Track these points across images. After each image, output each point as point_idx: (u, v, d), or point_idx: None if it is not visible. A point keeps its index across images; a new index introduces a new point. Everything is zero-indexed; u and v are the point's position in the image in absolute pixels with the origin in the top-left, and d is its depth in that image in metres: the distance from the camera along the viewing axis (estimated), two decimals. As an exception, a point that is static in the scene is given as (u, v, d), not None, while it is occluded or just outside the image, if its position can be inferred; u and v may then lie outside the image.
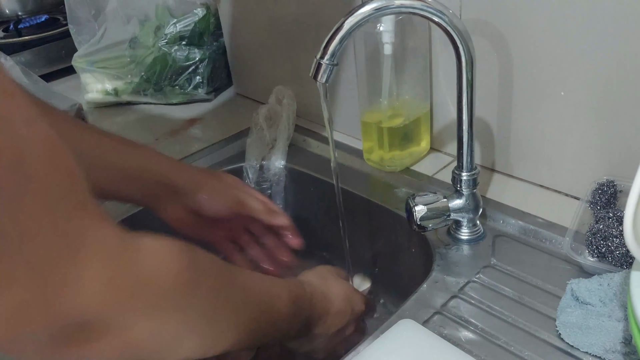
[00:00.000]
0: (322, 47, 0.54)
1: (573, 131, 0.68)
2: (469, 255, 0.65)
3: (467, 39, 0.57)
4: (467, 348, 0.54)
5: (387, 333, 0.55)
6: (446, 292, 0.61)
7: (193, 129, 1.03)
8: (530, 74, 0.68)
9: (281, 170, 0.89)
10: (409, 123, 0.80)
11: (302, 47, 0.94)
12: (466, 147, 0.63)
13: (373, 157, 0.84)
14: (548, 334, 0.54)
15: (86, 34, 1.13)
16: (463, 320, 0.57)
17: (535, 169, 0.74)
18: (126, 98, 1.14)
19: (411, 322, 0.56)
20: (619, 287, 0.54)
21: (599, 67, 0.62)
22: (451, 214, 0.65)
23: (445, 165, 0.82)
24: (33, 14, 1.50)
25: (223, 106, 1.12)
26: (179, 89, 1.11)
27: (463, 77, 0.59)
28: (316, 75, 0.55)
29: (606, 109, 0.64)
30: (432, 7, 0.55)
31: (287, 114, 0.92)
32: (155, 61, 1.08)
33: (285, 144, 0.90)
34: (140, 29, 1.09)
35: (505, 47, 0.69)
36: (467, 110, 0.61)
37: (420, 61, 0.77)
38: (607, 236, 0.59)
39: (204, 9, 1.08)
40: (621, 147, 0.65)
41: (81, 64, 1.12)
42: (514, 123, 0.73)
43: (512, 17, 0.67)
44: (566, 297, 0.56)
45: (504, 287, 0.60)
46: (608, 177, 0.65)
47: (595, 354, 0.51)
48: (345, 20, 0.54)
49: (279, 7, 0.94)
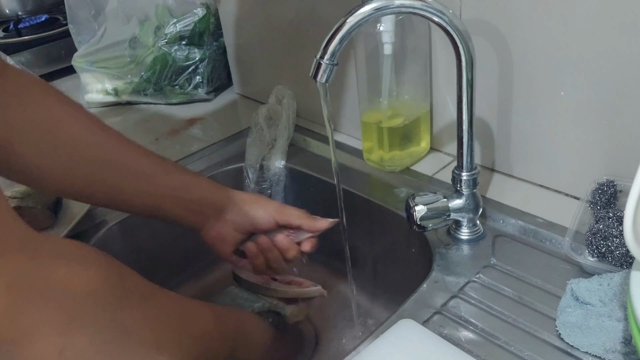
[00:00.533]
0: (322, 47, 0.54)
1: (573, 131, 0.68)
2: (469, 255, 0.65)
3: (467, 39, 0.57)
4: (467, 348, 0.54)
5: (387, 333, 0.55)
6: (446, 292, 0.61)
7: (193, 129, 1.03)
8: (530, 74, 0.68)
9: (281, 170, 0.89)
10: (408, 123, 0.80)
11: (302, 47, 0.94)
12: (466, 147, 0.63)
13: (373, 157, 0.84)
14: (548, 334, 0.54)
15: (86, 34, 1.13)
16: (463, 320, 0.57)
17: (535, 169, 0.74)
18: (126, 98, 1.14)
19: (411, 322, 0.56)
20: (619, 287, 0.54)
21: (599, 67, 0.62)
22: (451, 214, 0.65)
23: (445, 165, 0.82)
24: (33, 14, 1.51)
25: (223, 106, 1.12)
26: (179, 89, 1.11)
27: (463, 77, 0.59)
28: (316, 75, 0.55)
29: (606, 109, 0.64)
30: (432, 7, 0.55)
31: (287, 114, 0.92)
32: (155, 61, 1.08)
33: (285, 144, 0.90)
34: (140, 29, 1.09)
35: (505, 47, 0.69)
36: (467, 110, 0.61)
37: (420, 61, 0.77)
38: (607, 236, 0.59)
39: (204, 9, 1.08)
40: (621, 147, 0.65)
41: (81, 63, 1.13)
42: (514, 123, 0.73)
43: (512, 17, 0.67)
44: (566, 297, 0.56)
45: (504, 287, 0.60)
46: (608, 177, 0.65)
47: (595, 354, 0.51)
48: (345, 20, 0.54)
49: (279, 7, 0.94)
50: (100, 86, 1.13)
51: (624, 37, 0.59)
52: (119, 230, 0.79)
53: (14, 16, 1.52)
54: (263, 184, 0.90)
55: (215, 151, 0.94)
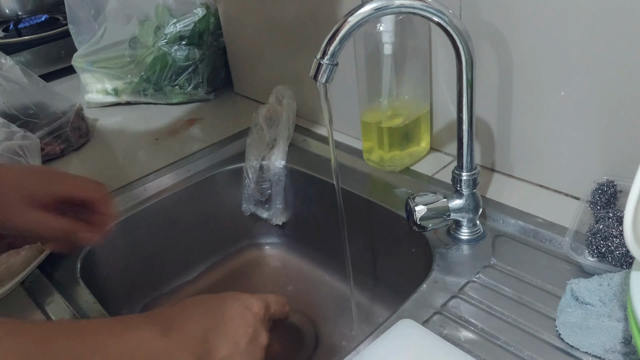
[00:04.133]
0: (322, 47, 0.54)
1: (573, 131, 0.68)
2: (469, 255, 0.65)
3: (467, 39, 0.57)
4: (467, 348, 0.54)
5: (387, 333, 0.55)
6: (446, 292, 0.61)
7: (193, 129, 1.03)
8: (530, 74, 0.68)
9: (281, 170, 0.89)
10: (408, 123, 0.80)
11: (302, 47, 0.94)
12: (466, 147, 0.63)
13: (373, 157, 0.84)
14: (548, 334, 0.54)
15: (86, 34, 1.13)
16: (463, 320, 0.57)
17: (535, 169, 0.74)
18: (126, 98, 1.14)
19: (411, 322, 0.56)
20: (619, 287, 0.54)
21: (599, 67, 0.62)
22: (451, 214, 0.65)
23: (445, 165, 0.82)
24: (33, 14, 1.51)
25: (223, 106, 1.12)
26: (178, 89, 1.11)
27: (463, 77, 0.59)
28: (316, 75, 0.55)
29: (606, 108, 0.64)
30: (432, 7, 0.55)
31: (287, 114, 0.92)
32: (155, 61, 1.08)
33: (285, 144, 0.90)
34: (140, 29, 1.09)
35: (505, 47, 0.69)
36: (467, 110, 0.61)
37: (420, 61, 0.77)
38: (607, 236, 0.59)
39: (204, 9, 1.08)
40: (621, 147, 0.65)
41: (81, 63, 1.13)
42: (514, 123, 0.73)
43: (512, 17, 0.67)
44: (566, 297, 0.56)
45: (504, 287, 0.60)
46: (608, 177, 0.65)
47: (595, 354, 0.51)
48: (345, 20, 0.54)
49: (279, 7, 0.94)
50: (100, 86, 1.13)
51: (624, 37, 0.59)
52: (118, 228, 0.79)
53: (13, 16, 1.52)
54: (263, 184, 0.90)
55: (215, 151, 0.94)
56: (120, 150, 1.00)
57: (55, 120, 0.96)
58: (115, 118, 1.11)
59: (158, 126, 1.05)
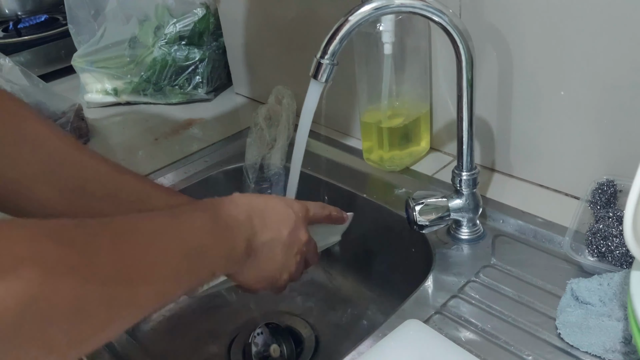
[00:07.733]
0: (322, 47, 0.54)
1: (573, 131, 0.68)
2: (469, 255, 0.65)
3: (467, 39, 0.57)
4: (467, 348, 0.54)
5: (393, 333, 0.55)
6: (446, 291, 0.61)
7: (193, 129, 1.03)
8: (530, 74, 0.68)
9: (281, 170, 0.89)
10: (408, 123, 0.80)
11: (302, 47, 0.94)
12: (466, 147, 0.63)
13: (373, 156, 0.84)
14: (548, 334, 0.54)
15: (86, 34, 1.13)
16: (463, 320, 0.57)
17: (535, 168, 0.74)
18: (126, 98, 1.14)
19: (417, 323, 0.56)
20: (618, 287, 0.54)
21: (599, 67, 0.62)
22: (451, 214, 0.65)
23: (445, 165, 0.82)
24: (32, 14, 1.51)
25: (223, 106, 1.12)
26: (178, 89, 1.11)
27: (463, 77, 0.59)
28: (316, 75, 0.55)
29: (606, 108, 0.64)
30: (432, 7, 0.55)
31: (287, 114, 0.92)
32: (155, 61, 1.08)
33: (285, 144, 0.90)
34: (139, 29, 1.09)
35: (505, 47, 0.69)
36: (467, 109, 0.61)
37: (420, 61, 0.77)
38: (607, 236, 0.59)
39: (204, 9, 1.08)
40: (621, 147, 0.65)
41: (81, 63, 1.13)
42: (514, 123, 0.73)
43: (512, 17, 0.67)
44: (566, 297, 0.56)
45: (504, 287, 0.60)
46: (608, 177, 0.65)
47: (595, 354, 0.51)
48: (345, 20, 0.54)
49: (278, 7, 0.94)
50: (100, 86, 1.13)
51: (624, 36, 0.59)
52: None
53: (13, 16, 1.52)
54: (263, 184, 0.90)
55: (215, 151, 0.94)
56: (120, 150, 1.00)
57: (55, 121, 0.96)
58: (115, 118, 1.11)
59: (158, 126, 1.05)
